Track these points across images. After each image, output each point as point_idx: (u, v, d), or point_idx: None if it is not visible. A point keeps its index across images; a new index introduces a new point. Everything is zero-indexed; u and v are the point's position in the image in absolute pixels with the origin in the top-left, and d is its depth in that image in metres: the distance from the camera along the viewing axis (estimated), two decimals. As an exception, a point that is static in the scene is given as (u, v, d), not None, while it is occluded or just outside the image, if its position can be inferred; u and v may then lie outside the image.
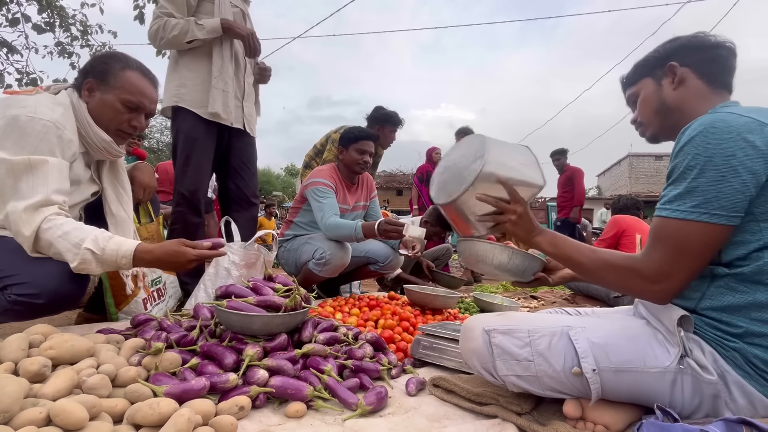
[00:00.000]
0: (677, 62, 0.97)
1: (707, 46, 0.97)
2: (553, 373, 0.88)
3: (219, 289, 1.26)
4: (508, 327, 0.93)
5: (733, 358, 0.80)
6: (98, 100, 1.36)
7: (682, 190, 0.81)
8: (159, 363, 1.01)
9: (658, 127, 1.04)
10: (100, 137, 1.37)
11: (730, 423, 0.68)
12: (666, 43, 1.02)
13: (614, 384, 0.86)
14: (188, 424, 0.77)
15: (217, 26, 1.99)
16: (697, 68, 0.96)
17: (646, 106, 1.03)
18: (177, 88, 2.04)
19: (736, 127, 0.79)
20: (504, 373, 0.91)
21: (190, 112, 2.02)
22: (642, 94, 1.04)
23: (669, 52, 1.00)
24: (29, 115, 1.18)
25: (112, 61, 1.38)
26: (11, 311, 1.13)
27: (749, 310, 0.80)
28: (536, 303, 2.97)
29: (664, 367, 0.83)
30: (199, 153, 2.04)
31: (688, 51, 0.98)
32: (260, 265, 1.94)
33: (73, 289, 1.21)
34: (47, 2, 5.22)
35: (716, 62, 0.96)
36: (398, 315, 1.72)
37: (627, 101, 1.11)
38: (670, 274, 0.83)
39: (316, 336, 1.23)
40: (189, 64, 2.04)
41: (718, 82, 0.96)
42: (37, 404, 0.77)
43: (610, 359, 0.85)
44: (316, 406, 0.99)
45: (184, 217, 2.05)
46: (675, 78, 0.98)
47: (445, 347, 1.30)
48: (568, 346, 0.88)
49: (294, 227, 2.56)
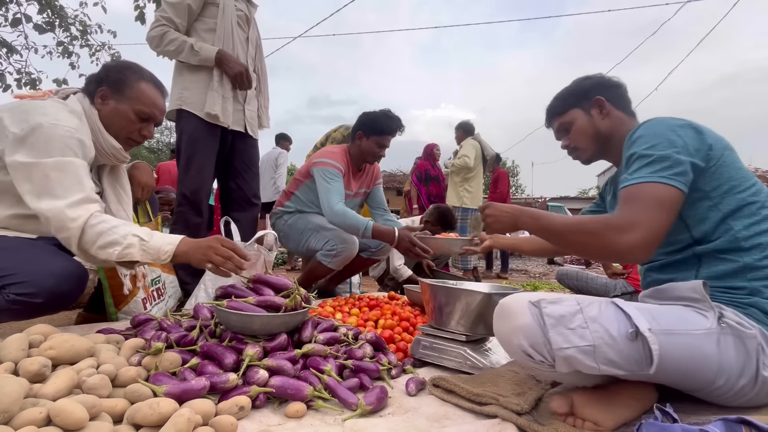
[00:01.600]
0: (601, 96, 1.19)
1: (613, 85, 1.22)
2: (610, 341, 0.82)
3: (219, 289, 1.26)
4: (555, 297, 0.90)
5: (753, 314, 0.88)
6: (112, 108, 1.40)
7: (641, 164, 0.95)
8: (159, 363, 1.01)
9: (593, 151, 1.24)
10: (110, 144, 1.41)
11: (730, 423, 0.68)
12: (584, 79, 1.25)
13: (667, 348, 0.82)
14: (188, 424, 0.77)
15: (210, 57, 2.00)
16: (614, 101, 1.20)
17: (583, 134, 1.23)
18: (180, 92, 2.07)
19: (673, 120, 0.99)
20: (560, 345, 0.83)
21: (192, 114, 2.06)
22: (576, 124, 1.23)
23: (591, 86, 1.21)
24: (52, 122, 1.22)
25: (128, 72, 1.43)
26: (9, 311, 1.13)
27: (744, 273, 0.92)
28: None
29: (707, 328, 0.84)
30: (201, 154, 2.07)
31: (604, 87, 1.21)
32: (260, 265, 1.94)
33: (71, 288, 1.21)
34: (47, 2, 5.22)
35: (624, 98, 1.22)
36: (398, 315, 1.72)
37: (556, 129, 1.30)
38: (637, 222, 0.90)
39: (316, 336, 1.23)
40: (192, 68, 2.07)
41: (629, 111, 1.21)
42: (37, 404, 0.77)
43: (659, 322, 0.84)
44: (316, 406, 0.99)
45: (186, 216, 2.07)
46: (603, 109, 1.19)
47: (445, 347, 1.30)
48: (617, 313, 0.85)
49: (295, 200, 2.51)
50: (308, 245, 2.37)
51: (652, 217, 0.90)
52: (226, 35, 2.09)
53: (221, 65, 2.04)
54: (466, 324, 1.26)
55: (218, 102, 2.06)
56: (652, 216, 0.90)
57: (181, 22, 2.03)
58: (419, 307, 1.99)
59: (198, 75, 2.06)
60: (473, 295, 1.25)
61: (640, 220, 0.90)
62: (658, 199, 0.91)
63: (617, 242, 0.91)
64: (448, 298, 1.29)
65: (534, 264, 8.25)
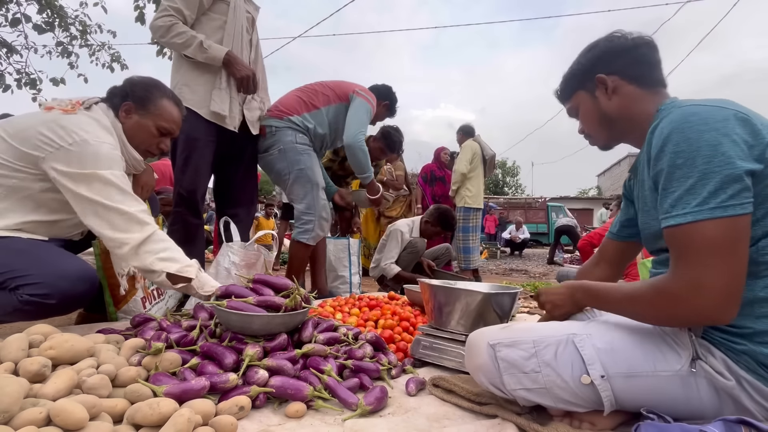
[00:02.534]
0: (604, 72, 0.96)
1: (627, 48, 0.95)
2: (562, 384, 0.84)
3: (219, 289, 1.26)
4: (512, 339, 0.90)
5: (746, 362, 0.76)
6: (135, 122, 1.48)
7: (682, 189, 0.74)
8: (159, 363, 1.01)
9: (606, 137, 1.03)
10: (133, 156, 1.49)
11: (729, 423, 0.68)
12: (586, 52, 1.01)
13: (626, 391, 0.82)
14: (188, 424, 0.77)
15: (219, 57, 1.96)
16: (625, 73, 0.95)
17: (589, 120, 1.03)
18: (179, 87, 2.02)
19: (710, 110, 0.76)
20: (513, 387, 0.88)
21: (191, 112, 2.00)
22: (581, 108, 1.04)
23: (592, 63, 0.99)
24: (96, 140, 1.30)
25: (154, 90, 1.51)
26: (22, 311, 1.15)
27: (752, 307, 0.76)
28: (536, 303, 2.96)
29: (675, 370, 0.80)
30: (199, 154, 2.03)
31: (610, 58, 0.96)
32: (260, 265, 1.94)
33: (84, 289, 1.24)
34: (47, 2, 5.22)
35: (641, 62, 0.94)
36: (398, 315, 1.72)
37: (568, 114, 1.11)
38: (701, 283, 0.72)
39: (316, 336, 1.23)
40: (193, 65, 2.01)
41: (650, 81, 0.94)
42: (37, 404, 0.77)
43: (618, 365, 0.82)
44: (316, 406, 0.99)
45: (184, 217, 2.04)
46: (607, 89, 0.96)
47: (445, 347, 1.30)
48: (574, 354, 0.84)
49: (316, 116, 2.34)
50: (291, 184, 2.26)
51: (717, 273, 0.71)
52: (236, 35, 2.05)
53: (229, 66, 2.00)
54: (466, 324, 1.26)
55: (226, 101, 2.02)
56: (718, 270, 0.71)
57: (190, 14, 1.97)
58: (419, 307, 1.99)
59: (200, 72, 2.01)
60: (473, 295, 1.25)
61: (702, 281, 0.72)
62: (720, 243, 0.71)
63: (684, 312, 0.75)
64: (447, 298, 1.29)
65: (534, 264, 8.25)
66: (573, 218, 11.12)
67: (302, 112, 2.31)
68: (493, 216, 13.06)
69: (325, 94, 2.39)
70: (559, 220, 10.71)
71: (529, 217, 14.85)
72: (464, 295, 1.26)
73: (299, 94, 2.39)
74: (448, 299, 1.28)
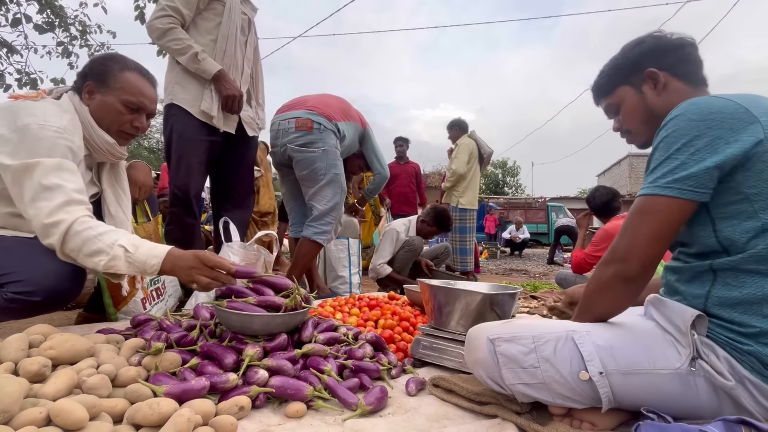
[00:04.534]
0: (654, 67, 0.96)
1: (675, 46, 0.96)
2: (560, 379, 0.85)
3: (219, 289, 1.26)
4: (512, 334, 0.90)
5: (750, 362, 0.76)
6: (99, 102, 1.36)
7: (648, 171, 0.84)
8: (159, 363, 1.01)
9: (649, 134, 1.01)
10: (104, 139, 1.37)
11: (729, 423, 0.68)
12: (633, 47, 1.00)
13: (624, 388, 0.82)
14: (188, 424, 0.77)
15: (210, 71, 1.95)
16: (674, 70, 0.96)
17: (633, 116, 1.02)
18: (173, 86, 2.01)
19: (717, 100, 0.80)
20: (511, 381, 0.89)
21: (183, 110, 1.99)
22: (625, 104, 1.02)
23: (640, 58, 0.98)
24: (40, 123, 1.19)
25: (111, 63, 1.38)
26: (8, 309, 1.13)
27: (760, 305, 0.76)
28: (536, 303, 2.97)
29: (674, 368, 0.80)
30: (192, 152, 2.01)
31: (660, 54, 0.97)
32: (260, 265, 1.94)
33: (69, 286, 1.21)
34: (47, 2, 5.22)
35: (688, 61, 0.96)
36: (398, 315, 1.72)
37: (604, 111, 1.10)
38: (628, 252, 0.82)
39: (316, 336, 1.23)
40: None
41: (695, 79, 0.96)
42: (37, 404, 0.77)
43: (617, 362, 0.82)
44: (316, 406, 0.99)
45: (179, 217, 2.03)
46: (657, 84, 0.96)
47: (445, 347, 1.30)
48: (573, 351, 0.85)
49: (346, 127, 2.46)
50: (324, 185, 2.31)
51: (642, 243, 0.82)
52: (230, 36, 2.05)
53: (218, 82, 1.98)
54: (466, 324, 1.26)
55: (216, 103, 2.01)
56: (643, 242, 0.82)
57: (189, 14, 1.95)
58: (419, 307, 1.99)
59: (192, 73, 1.99)
60: (473, 295, 1.25)
61: (630, 247, 0.83)
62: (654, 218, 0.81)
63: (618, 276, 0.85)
64: (447, 299, 1.29)
65: (534, 264, 8.25)
66: (573, 218, 11.11)
67: (342, 120, 2.40)
68: (493, 216, 13.06)
69: (354, 113, 2.55)
70: (559, 220, 10.71)
71: (529, 217, 14.85)
72: (464, 296, 1.26)
73: (339, 103, 2.46)
74: (447, 299, 1.28)
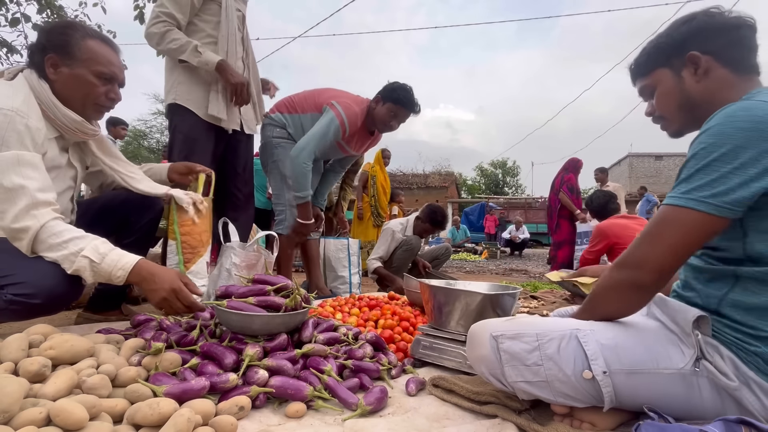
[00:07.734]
0: (698, 50, 0.87)
1: (728, 27, 0.85)
2: (563, 378, 0.84)
3: (219, 289, 1.26)
4: (515, 332, 0.89)
5: (755, 363, 0.76)
6: (67, 75, 1.26)
7: (681, 178, 0.79)
8: (159, 363, 1.01)
9: (683, 122, 0.95)
10: (70, 118, 1.27)
11: (729, 423, 0.68)
12: (680, 25, 0.90)
13: (627, 387, 0.82)
14: (188, 424, 0.77)
15: (212, 63, 1.94)
16: (721, 55, 0.86)
17: (668, 102, 0.94)
18: (176, 86, 2.01)
19: (761, 117, 0.72)
20: (513, 379, 0.88)
21: (189, 111, 2.00)
22: (661, 88, 0.95)
23: (685, 38, 0.89)
24: None
25: (71, 31, 1.27)
26: (7, 311, 1.12)
27: None
28: (536, 303, 2.97)
29: (678, 368, 0.79)
30: (198, 155, 2.01)
31: (707, 35, 0.86)
32: (261, 266, 1.94)
33: (70, 288, 1.20)
34: (47, 2, 5.22)
35: (740, 45, 0.86)
36: (398, 315, 1.72)
37: (639, 92, 1.02)
38: (645, 260, 0.80)
39: (316, 336, 1.23)
40: (188, 64, 1.99)
41: (744, 67, 0.86)
42: (37, 404, 0.77)
43: (621, 361, 0.82)
44: (316, 406, 0.99)
45: None
46: (698, 69, 0.88)
47: (445, 347, 1.30)
48: (577, 349, 0.84)
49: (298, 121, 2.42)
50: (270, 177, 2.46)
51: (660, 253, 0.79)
52: (230, 35, 2.04)
53: (222, 72, 1.98)
54: (466, 324, 1.26)
55: (223, 104, 2.02)
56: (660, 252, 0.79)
57: (183, 18, 1.96)
58: (419, 307, 1.99)
59: (195, 73, 2.00)
60: (473, 295, 1.25)
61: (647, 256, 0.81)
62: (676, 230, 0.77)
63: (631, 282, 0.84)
64: (447, 299, 1.29)
65: (534, 264, 8.25)
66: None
67: (284, 112, 2.45)
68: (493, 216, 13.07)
69: (311, 101, 2.43)
70: (559, 220, 10.69)
71: (529, 217, 14.84)
72: (464, 296, 1.26)
73: (292, 96, 2.51)
74: (447, 299, 1.28)
